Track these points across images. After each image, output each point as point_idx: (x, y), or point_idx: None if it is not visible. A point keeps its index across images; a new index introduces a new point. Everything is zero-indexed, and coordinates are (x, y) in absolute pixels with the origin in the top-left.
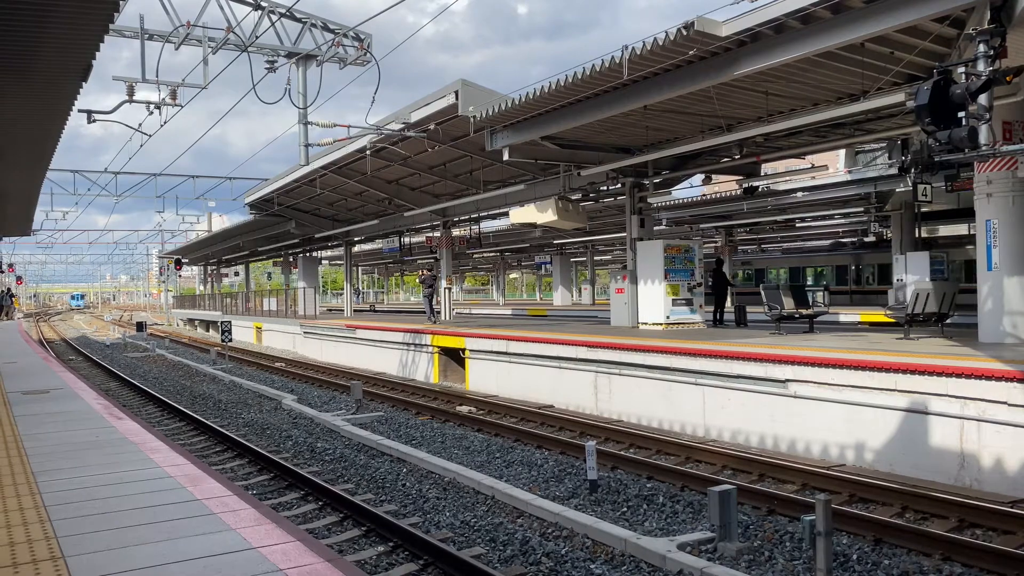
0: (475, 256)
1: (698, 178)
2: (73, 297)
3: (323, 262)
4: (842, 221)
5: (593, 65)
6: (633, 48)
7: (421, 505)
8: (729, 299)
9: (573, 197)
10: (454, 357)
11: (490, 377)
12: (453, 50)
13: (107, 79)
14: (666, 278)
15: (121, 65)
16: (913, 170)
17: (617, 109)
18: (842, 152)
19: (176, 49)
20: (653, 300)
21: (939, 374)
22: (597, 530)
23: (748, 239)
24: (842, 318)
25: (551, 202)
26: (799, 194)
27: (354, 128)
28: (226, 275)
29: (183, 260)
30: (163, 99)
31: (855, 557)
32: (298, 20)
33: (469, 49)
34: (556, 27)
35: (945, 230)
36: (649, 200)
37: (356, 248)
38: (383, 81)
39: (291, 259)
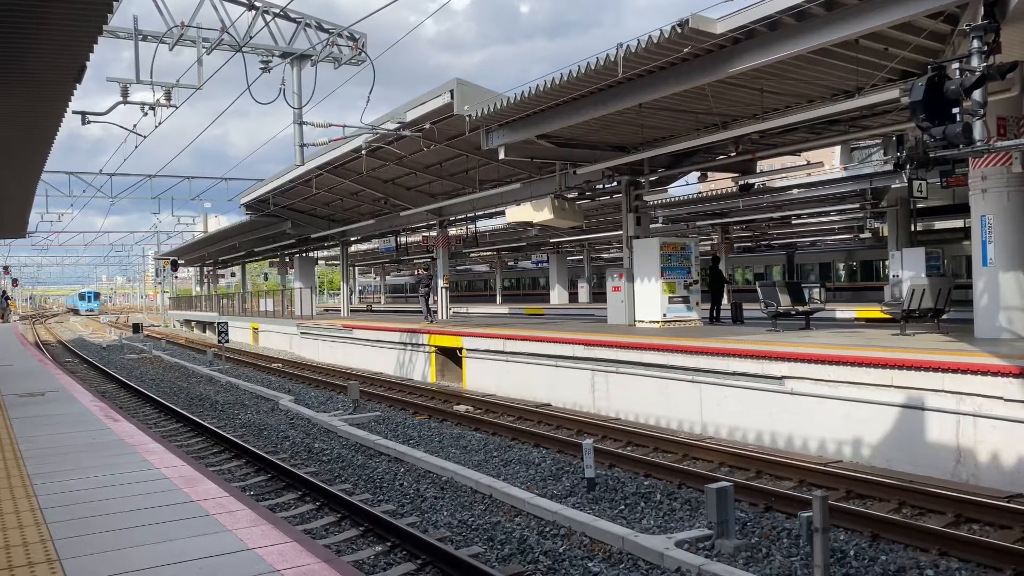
0: (472, 255)
1: (694, 176)
2: (82, 297)
3: (319, 262)
4: (838, 218)
5: (588, 63)
6: (628, 46)
7: (419, 504)
8: (725, 296)
9: (569, 196)
10: (451, 356)
11: (487, 376)
12: (455, 50)
13: (105, 80)
14: (662, 276)
15: (123, 66)
16: (908, 166)
17: (612, 107)
18: (837, 149)
19: (170, 50)
20: (650, 298)
21: (935, 370)
22: (595, 528)
23: (744, 236)
24: (838, 314)
25: (547, 201)
26: (795, 191)
27: (349, 128)
28: (222, 276)
29: (179, 261)
30: (158, 100)
31: (852, 553)
32: (292, 20)
33: (471, 49)
34: (558, 26)
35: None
36: (645, 198)
37: (352, 248)
38: (385, 81)
39: (287, 259)
